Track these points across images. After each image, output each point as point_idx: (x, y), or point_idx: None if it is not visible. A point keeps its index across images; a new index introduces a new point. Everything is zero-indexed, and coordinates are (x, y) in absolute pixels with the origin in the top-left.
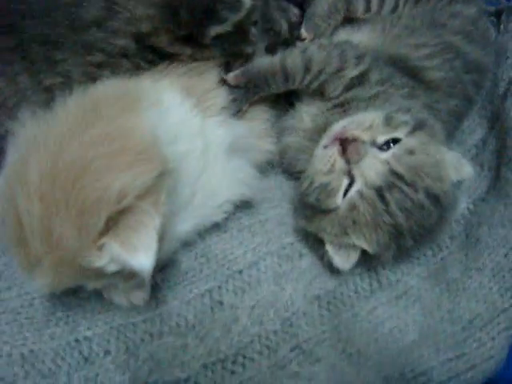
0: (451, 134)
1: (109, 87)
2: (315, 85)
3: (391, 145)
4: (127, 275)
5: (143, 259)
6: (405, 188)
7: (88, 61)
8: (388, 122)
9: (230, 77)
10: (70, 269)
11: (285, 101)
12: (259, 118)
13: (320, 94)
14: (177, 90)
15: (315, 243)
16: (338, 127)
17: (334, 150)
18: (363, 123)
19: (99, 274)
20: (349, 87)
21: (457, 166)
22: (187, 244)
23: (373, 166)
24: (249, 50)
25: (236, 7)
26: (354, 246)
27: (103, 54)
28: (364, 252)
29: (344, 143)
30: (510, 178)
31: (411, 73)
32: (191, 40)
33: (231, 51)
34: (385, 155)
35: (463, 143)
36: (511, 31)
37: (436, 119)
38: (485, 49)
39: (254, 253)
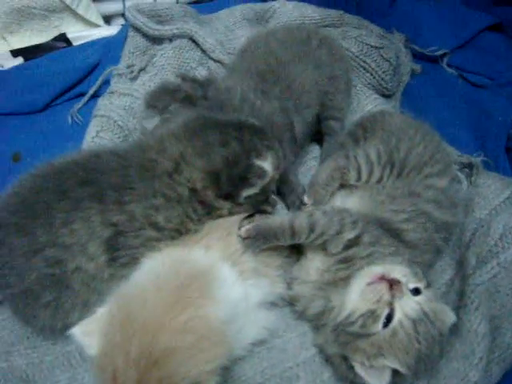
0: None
1: (178, 265)
2: (319, 241)
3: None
4: None
5: None
6: (428, 324)
7: (151, 204)
8: (415, 274)
9: (243, 231)
10: None
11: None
12: (273, 266)
13: (323, 250)
14: (228, 262)
15: (339, 365)
16: (379, 270)
17: (383, 286)
18: (401, 271)
19: None
20: (347, 246)
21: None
22: None
23: (409, 303)
24: (269, 209)
25: (262, 175)
26: (385, 367)
27: (164, 199)
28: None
29: (390, 282)
30: (465, 320)
31: (394, 234)
32: (229, 198)
33: (258, 208)
34: (417, 298)
35: (435, 281)
36: (478, 186)
37: None
38: (452, 211)
39: (261, 375)
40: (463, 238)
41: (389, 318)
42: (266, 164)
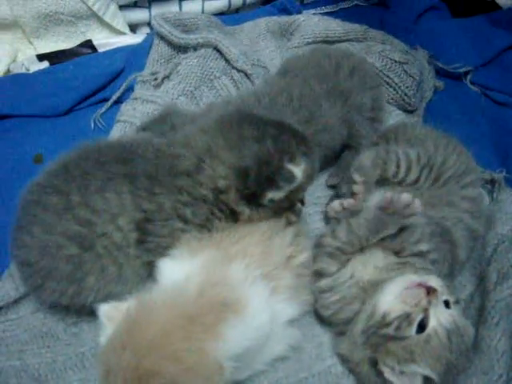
0: None
1: (206, 287)
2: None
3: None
4: None
5: None
6: (459, 336)
7: (178, 199)
8: (447, 287)
9: (331, 207)
10: None
11: None
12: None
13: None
14: (265, 281)
15: (366, 372)
16: (417, 279)
17: (421, 292)
18: (437, 282)
19: None
20: (415, 255)
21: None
22: None
23: (443, 313)
24: (292, 218)
25: (290, 179)
26: (415, 374)
27: (189, 196)
28: None
29: (428, 290)
30: (485, 335)
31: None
32: (252, 201)
33: (279, 215)
34: (449, 310)
35: None
36: (499, 202)
37: None
38: (481, 221)
39: None
40: (485, 253)
41: (422, 324)
42: (298, 170)
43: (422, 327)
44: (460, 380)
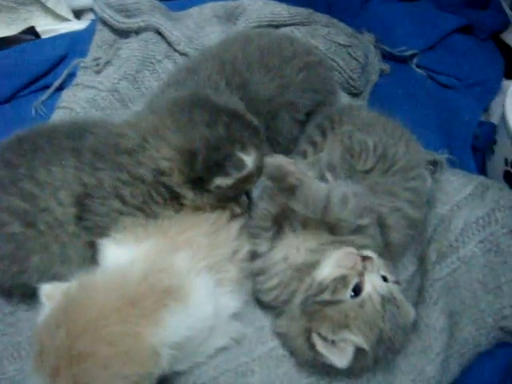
0: None
1: (152, 273)
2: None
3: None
4: None
5: None
6: (395, 308)
7: (118, 177)
8: (387, 265)
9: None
10: None
11: None
12: None
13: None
14: (211, 273)
15: (300, 347)
16: (353, 249)
17: (357, 257)
18: (373, 254)
19: None
20: (353, 231)
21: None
22: None
23: (379, 281)
24: (237, 210)
25: (240, 167)
26: (348, 343)
27: (128, 175)
28: None
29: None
30: (423, 315)
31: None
32: (197, 185)
33: (224, 204)
34: (388, 283)
35: None
36: (440, 182)
37: None
38: (422, 209)
39: (215, 369)
40: (425, 234)
41: (358, 290)
42: (248, 159)
43: (356, 293)
44: (399, 359)
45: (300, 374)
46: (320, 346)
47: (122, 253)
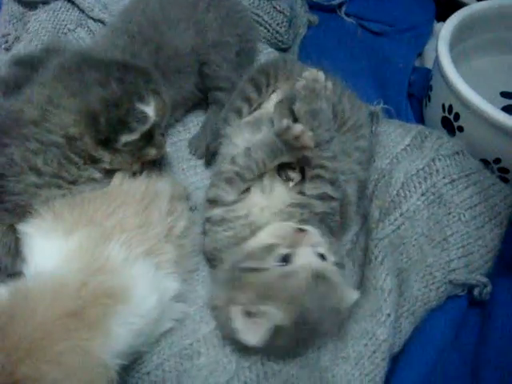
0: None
1: (88, 277)
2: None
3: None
4: None
5: None
6: (326, 289)
7: (26, 147)
8: (330, 244)
9: None
10: None
11: None
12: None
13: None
14: (148, 259)
15: (224, 321)
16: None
17: (291, 229)
18: (314, 231)
19: None
20: (319, 197)
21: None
22: None
23: (312, 257)
24: (153, 152)
25: (143, 120)
26: (264, 318)
27: (38, 143)
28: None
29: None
30: (370, 277)
31: None
32: (108, 145)
33: (138, 156)
34: (324, 262)
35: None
36: (378, 135)
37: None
38: (367, 172)
39: (158, 355)
40: (366, 191)
41: (285, 259)
42: (149, 109)
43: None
44: (349, 325)
45: (249, 350)
46: (236, 318)
47: (52, 247)
